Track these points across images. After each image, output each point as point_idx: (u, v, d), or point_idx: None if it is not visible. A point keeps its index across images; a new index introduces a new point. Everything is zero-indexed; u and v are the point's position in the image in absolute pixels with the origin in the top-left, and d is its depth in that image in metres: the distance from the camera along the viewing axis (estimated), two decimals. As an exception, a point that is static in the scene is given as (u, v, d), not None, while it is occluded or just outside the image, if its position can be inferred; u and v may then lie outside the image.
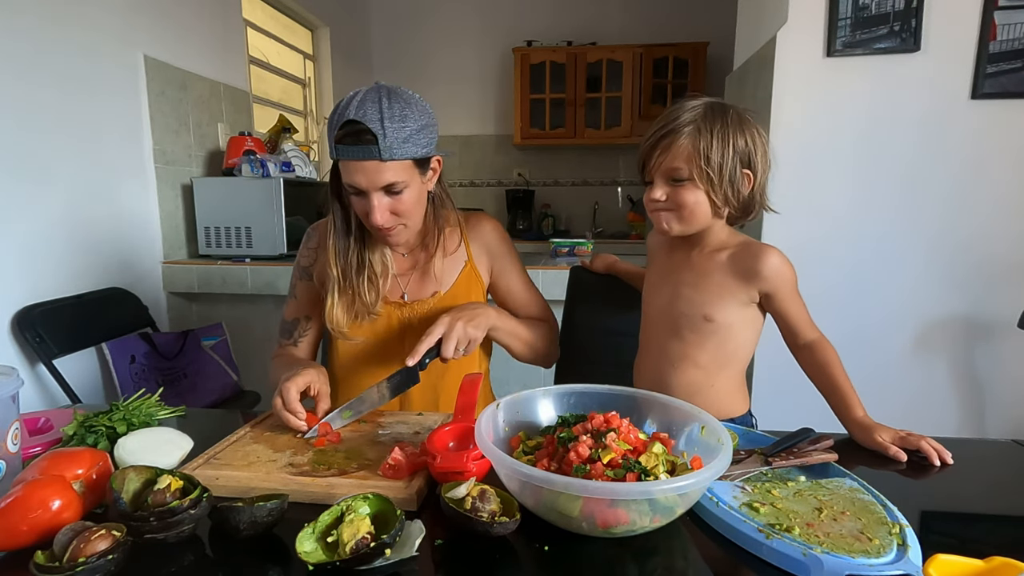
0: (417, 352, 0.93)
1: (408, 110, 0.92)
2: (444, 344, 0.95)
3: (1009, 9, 1.63)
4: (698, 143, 0.87)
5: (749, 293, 0.93)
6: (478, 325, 0.99)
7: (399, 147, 0.91)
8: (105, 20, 1.91)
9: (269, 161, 2.24)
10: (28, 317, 1.63)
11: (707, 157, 0.87)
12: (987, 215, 1.73)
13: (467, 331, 0.97)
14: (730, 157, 0.88)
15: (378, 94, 0.91)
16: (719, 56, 3.65)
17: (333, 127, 0.92)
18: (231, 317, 2.22)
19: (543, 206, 4.17)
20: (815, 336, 0.95)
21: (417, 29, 4.13)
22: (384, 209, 0.96)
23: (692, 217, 0.92)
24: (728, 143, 0.88)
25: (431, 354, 0.95)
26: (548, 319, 1.21)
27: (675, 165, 0.89)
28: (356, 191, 0.96)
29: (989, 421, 1.83)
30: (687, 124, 0.88)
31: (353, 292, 1.05)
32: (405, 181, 0.95)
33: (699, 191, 0.90)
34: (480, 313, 1.01)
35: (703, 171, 0.88)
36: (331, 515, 0.61)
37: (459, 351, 0.97)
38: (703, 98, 0.92)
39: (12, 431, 0.71)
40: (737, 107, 0.92)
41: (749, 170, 0.91)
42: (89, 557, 0.54)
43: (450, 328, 0.95)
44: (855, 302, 1.82)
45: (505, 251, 1.18)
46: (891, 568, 0.54)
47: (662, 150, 0.90)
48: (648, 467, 0.65)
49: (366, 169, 0.92)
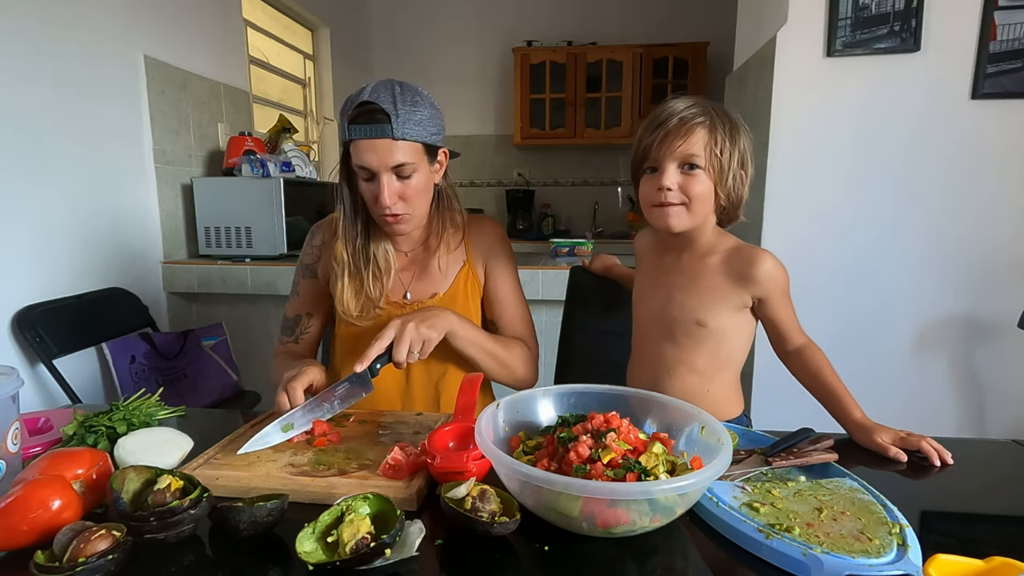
0: (367, 357, 0.88)
1: (419, 98, 0.96)
2: (396, 348, 0.90)
3: (1009, 9, 1.63)
4: (714, 134, 0.88)
5: (742, 297, 0.93)
6: (433, 326, 0.94)
7: (411, 128, 0.94)
8: (105, 20, 1.91)
9: (269, 161, 2.24)
10: (28, 317, 1.63)
11: (720, 149, 0.88)
12: (987, 215, 1.73)
13: (420, 332, 0.92)
14: (735, 155, 0.90)
15: (391, 82, 0.97)
16: (719, 56, 3.65)
17: (346, 111, 0.95)
18: (231, 317, 2.22)
19: (543, 206, 4.17)
20: (804, 341, 0.94)
21: (417, 29, 4.13)
22: (393, 192, 0.97)
23: (699, 210, 0.91)
24: (735, 141, 0.90)
25: (383, 360, 0.91)
26: (528, 340, 1.15)
27: (692, 151, 0.88)
28: (366, 175, 0.97)
29: (989, 421, 1.83)
30: (702, 115, 0.89)
31: (362, 281, 1.06)
32: (414, 164, 0.96)
33: (709, 182, 0.90)
34: (436, 315, 0.97)
35: (717, 160, 0.89)
36: (331, 515, 0.61)
37: (413, 354, 0.92)
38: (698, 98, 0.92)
39: (12, 431, 0.71)
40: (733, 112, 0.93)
41: (744, 171, 0.92)
42: (89, 557, 0.54)
43: (401, 331, 0.91)
44: (855, 302, 1.82)
45: (501, 253, 1.16)
46: (891, 568, 0.54)
47: (679, 136, 0.88)
48: (648, 467, 0.65)
49: (377, 148, 0.93)
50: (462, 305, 1.11)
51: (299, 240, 1.20)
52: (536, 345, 1.17)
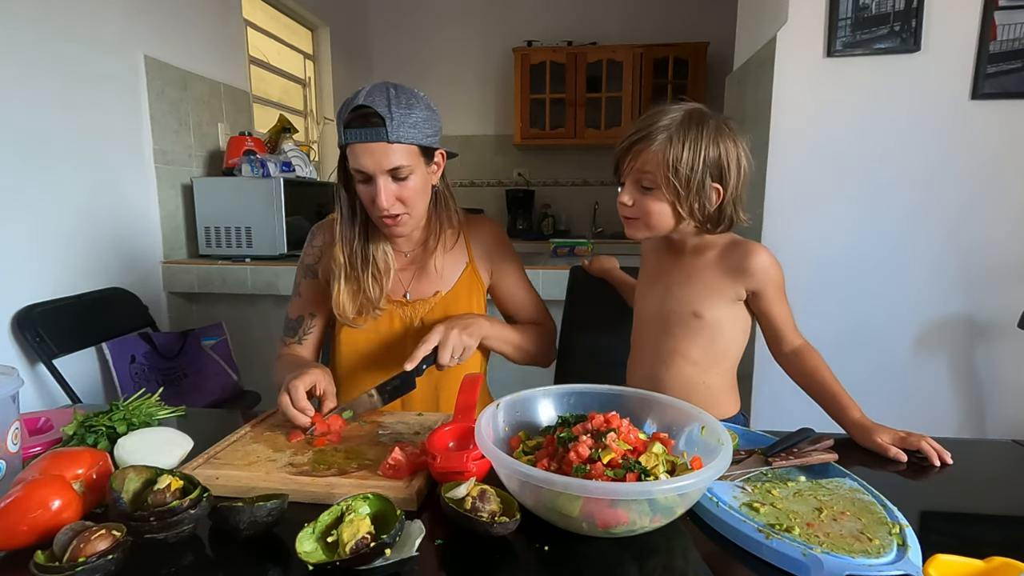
0: (415, 357, 0.95)
1: (414, 100, 0.97)
2: (440, 351, 0.97)
3: (1009, 9, 1.63)
4: (668, 152, 0.86)
5: (736, 290, 0.93)
6: (472, 334, 1.02)
7: (405, 131, 0.94)
8: (105, 20, 1.91)
9: (269, 161, 2.24)
10: (28, 317, 1.63)
11: (675, 168, 0.86)
12: (987, 215, 1.73)
13: (462, 339, 0.99)
14: (699, 169, 0.87)
15: (386, 85, 0.97)
16: (719, 56, 3.65)
17: (342, 116, 0.96)
18: (231, 317, 2.22)
19: (543, 206, 4.17)
20: (800, 342, 0.95)
21: (417, 29, 4.13)
22: (390, 194, 0.98)
23: (657, 225, 0.92)
24: (699, 154, 0.87)
25: (428, 361, 0.98)
26: (544, 322, 1.22)
27: (645, 171, 0.89)
28: (363, 177, 0.98)
29: (989, 421, 1.83)
30: (661, 132, 0.87)
31: (359, 282, 1.07)
32: (410, 166, 0.97)
33: (664, 201, 0.89)
34: (474, 323, 1.04)
35: (670, 181, 0.87)
36: (331, 515, 0.61)
37: (454, 359, 0.99)
38: (686, 104, 0.91)
39: (12, 431, 0.71)
40: (719, 116, 0.90)
41: (719, 183, 0.89)
42: (89, 557, 0.54)
43: (446, 336, 0.98)
44: (855, 302, 1.82)
45: (505, 254, 1.19)
46: (891, 568, 0.54)
47: (633, 155, 0.89)
48: (648, 467, 0.65)
49: (373, 151, 0.94)
50: (464, 304, 1.14)
51: (299, 240, 1.20)
52: (552, 321, 1.24)
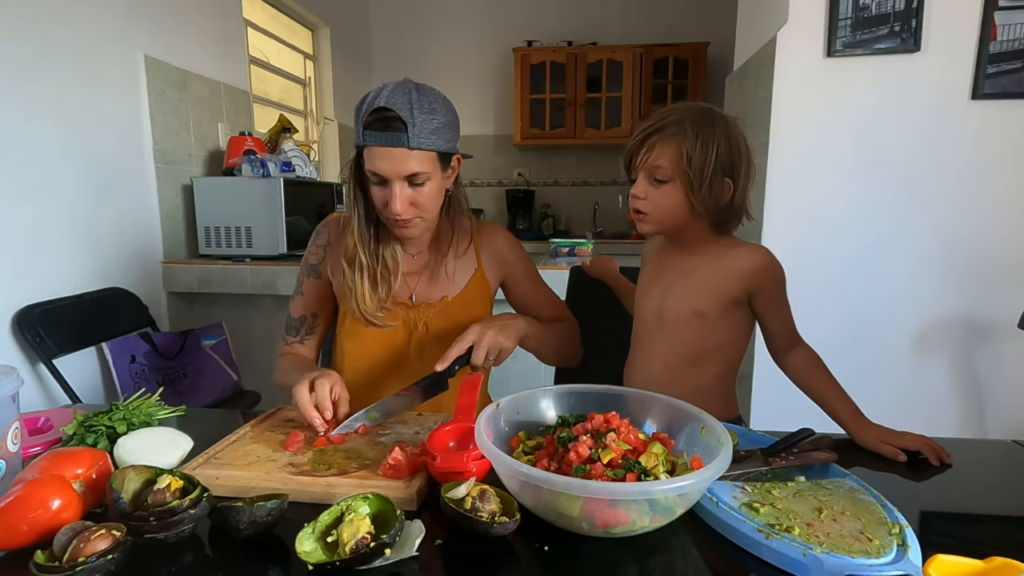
0: (447, 358, 0.93)
1: (436, 104, 0.95)
2: (475, 352, 0.94)
3: (1009, 9, 1.63)
4: (683, 145, 0.88)
5: (737, 290, 0.93)
6: (509, 336, 0.98)
7: (427, 137, 0.93)
8: (105, 20, 1.91)
9: (269, 161, 2.23)
10: (28, 317, 1.63)
11: (689, 159, 0.87)
12: (987, 215, 1.73)
13: (498, 340, 0.96)
14: (713, 162, 0.88)
15: (408, 86, 0.94)
16: (719, 56, 3.65)
17: (361, 114, 0.93)
18: (231, 317, 2.22)
19: (543, 206, 4.17)
20: (800, 344, 0.95)
21: (417, 29, 4.13)
22: (405, 199, 0.96)
23: (669, 220, 0.93)
24: (712, 147, 0.88)
25: (460, 361, 0.95)
26: (567, 318, 1.21)
27: (659, 164, 0.90)
28: (378, 180, 0.96)
29: (989, 421, 1.83)
30: (674, 124, 0.89)
31: (375, 280, 1.05)
32: (428, 173, 0.96)
33: (678, 193, 0.90)
34: (511, 324, 1.00)
35: (685, 173, 0.88)
36: (331, 515, 0.61)
37: (489, 360, 0.96)
38: (697, 103, 0.92)
39: (12, 431, 0.71)
40: (728, 115, 0.92)
41: (730, 179, 0.90)
42: (89, 557, 0.54)
43: (481, 336, 0.95)
44: (855, 302, 1.82)
45: (518, 259, 1.18)
46: (891, 568, 0.54)
47: (648, 148, 0.91)
48: (648, 467, 0.65)
49: (392, 156, 0.93)
50: (470, 310, 1.12)
51: (299, 240, 1.20)
52: (573, 316, 1.23)
